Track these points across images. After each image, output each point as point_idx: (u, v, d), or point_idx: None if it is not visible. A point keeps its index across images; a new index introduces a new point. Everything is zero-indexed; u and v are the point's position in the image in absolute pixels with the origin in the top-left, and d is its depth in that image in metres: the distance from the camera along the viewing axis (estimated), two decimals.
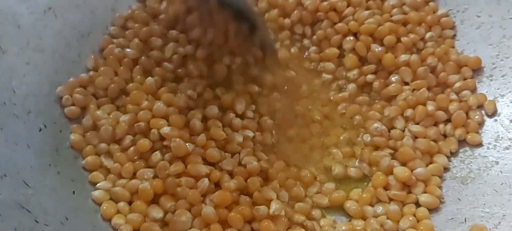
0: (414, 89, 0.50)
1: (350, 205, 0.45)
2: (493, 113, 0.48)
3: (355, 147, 0.49)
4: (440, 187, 0.45)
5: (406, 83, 0.51)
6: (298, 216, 0.43)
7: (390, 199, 0.45)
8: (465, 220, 0.42)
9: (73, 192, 0.42)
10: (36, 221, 0.38)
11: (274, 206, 0.41)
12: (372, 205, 0.45)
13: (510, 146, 0.45)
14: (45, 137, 0.44)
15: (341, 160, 0.48)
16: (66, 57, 0.50)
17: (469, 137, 0.47)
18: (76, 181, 0.43)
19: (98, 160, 0.45)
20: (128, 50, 0.51)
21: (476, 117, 0.48)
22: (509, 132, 0.46)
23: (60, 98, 0.47)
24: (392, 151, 0.47)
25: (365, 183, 0.47)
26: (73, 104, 0.47)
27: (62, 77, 0.48)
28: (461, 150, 0.47)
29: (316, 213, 0.45)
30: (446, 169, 0.46)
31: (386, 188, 0.45)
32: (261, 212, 0.41)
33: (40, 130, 0.44)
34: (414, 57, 0.51)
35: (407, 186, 0.45)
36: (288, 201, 0.44)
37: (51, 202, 0.40)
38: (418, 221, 0.43)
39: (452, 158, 0.47)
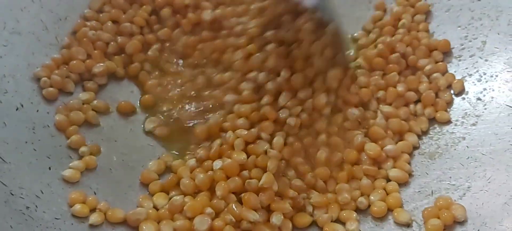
0: (384, 74, 0.51)
1: None
2: (460, 92, 0.49)
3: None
4: (409, 163, 0.46)
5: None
6: (292, 192, 0.43)
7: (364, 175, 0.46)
8: (432, 193, 0.43)
9: (49, 168, 0.42)
10: (11, 193, 0.38)
11: (264, 178, 0.42)
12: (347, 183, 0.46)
13: (476, 122, 0.47)
14: (22, 116, 0.45)
15: None
16: (43, 40, 0.50)
17: (438, 115, 0.49)
18: (52, 158, 0.43)
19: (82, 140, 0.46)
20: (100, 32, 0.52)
21: (445, 96, 0.49)
22: (476, 109, 0.48)
23: (37, 80, 0.48)
24: (365, 130, 0.49)
25: None
26: (50, 86, 0.48)
27: (39, 59, 0.49)
28: (431, 128, 0.49)
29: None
30: (415, 147, 0.48)
31: (358, 164, 0.46)
32: (252, 185, 0.42)
33: (17, 109, 0.45)
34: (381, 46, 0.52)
35: (377, 163, 0.46)
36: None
37: (26, 177, 0.40)
38: (387, 194, 0.44)
39: (422, 136, 0.48)
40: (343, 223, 0.43)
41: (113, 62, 0.52)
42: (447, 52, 0.52)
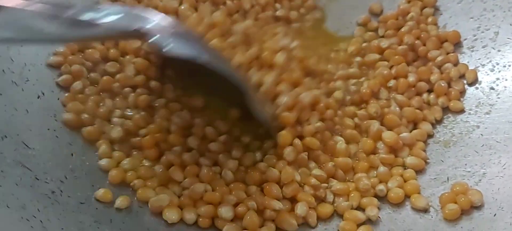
0: (392, 66, 0.52)
1: None
2: (474, 82, 0.50)
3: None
4: (424, 151, 0.47)
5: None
6: (314, 180, 0.44)
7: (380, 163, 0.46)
8: (448, 179, 0.44)
9: (72, 154, 0.43)
10: (36, 178, 0.39)
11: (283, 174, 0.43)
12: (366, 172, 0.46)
13: (490, 111, 0.48)
14: (43, 104, 0.45)
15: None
16: None
17: (452, 104, 0.49)
18: (74, 144, 0.44)
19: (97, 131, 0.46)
20: None
21: (457, 86, 0.50)
22: (489, 98, 0.49)
23: (57, 68, 0.48)
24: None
25: None
26: (69, 74, 0.48)
27: (57, 48, 0.49)
28: (445, 117, 0.49)
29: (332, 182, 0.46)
30: (429, 136, 0.48)
31: (374, 153, 0.47)
32: (273, 175, 0.43)
33: (38, 97, 0.45)
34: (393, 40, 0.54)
35: (394, 151, 0.47)
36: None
37: (50, 163, 0.41)
38: (405, 181, 0.45)
39: (436, 124, 0.49)
40: (363, 210, 0.43)
41: None
42: (458, 43, 0.53)
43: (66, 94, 0.47)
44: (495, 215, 0.40)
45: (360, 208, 0.43)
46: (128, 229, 0.40)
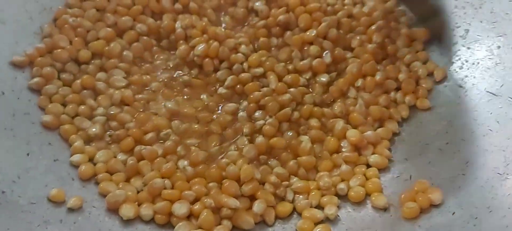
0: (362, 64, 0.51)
1: None
2: (442, 80, 0.49)
3: None
4: (389, 149, 0.46)
5: None
6: (274, 178, 0.44)
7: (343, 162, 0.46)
8: (410, 177, 0.43)
9: (28, 154, 0.43)
10: None
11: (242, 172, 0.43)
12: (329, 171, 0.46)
13: (457, 108, 0.47)
14: (3, 103, 0.45)
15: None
16: (27, 29, 0.51)
17: (419, 102, 0.49)
18: (31, 144, 0.44)
19: (73, 128, 0.46)
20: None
21: (425, 84, 0.49)
22: (458, 96, 0.48)
23: (19, 68, 0.48)
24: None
25: None
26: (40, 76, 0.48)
27: (23, 48, 0.49)
28: (412, 114, 0.49)
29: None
30: (395, 134, 0.48)
31: (338, 152, 0.47)
32: (231, 172, 0.43)
33: None
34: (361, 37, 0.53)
35: (358, 149, 0.46)
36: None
37: (4, 162, 0.41)
38: (367, 180, 0.44)
39: (402, 123, 0.48)
40: (323, 209, 0.42)
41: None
42: (428, 40, 0.52)
43: (41, 97, 0.47)
44: (453, 213, 0.39)
45: (320, 207, 0.43)
46: (79, 229, 0.39)
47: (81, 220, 0.40)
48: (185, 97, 0.50)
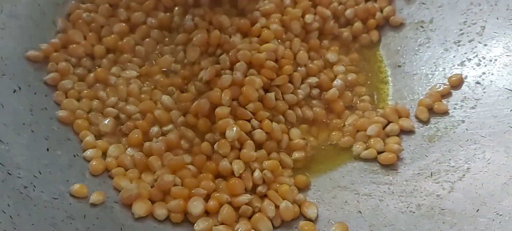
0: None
1: None
2: (458, 85, 0.49)
3: None
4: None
5: None
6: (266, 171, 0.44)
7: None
8: (431, 175, 0.43)
9: (47, 149, 0.42)
10: (8, 173, 0.38)
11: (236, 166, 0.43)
12: None
13: (475, 105, 0.47)
14: (19, 98, 0.44)
15: None
16: (40, 24, 0.50)
17: (436, 106, 0.49)
18: (50, 139, 0.43)
19: (85, 123, 0.46)
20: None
21: (440, 88, 0.49)
22: (475, 93, 0.48)
23: (35, 63, 0.47)
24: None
25: None
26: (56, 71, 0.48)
27: (36, 43, 0.49)
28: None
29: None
30: (411, 132, 0.48)
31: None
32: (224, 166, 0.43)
33: (14, 91, 0.44)
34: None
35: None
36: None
37: (24, 158, 0.40)
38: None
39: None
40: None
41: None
42: (447, 36, 0.52)
43: (57, 92, 0.47)
44: (478, 210, 0.39)
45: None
46: (102, 225, 0.39)
47: (104, 215, 0.39)
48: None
